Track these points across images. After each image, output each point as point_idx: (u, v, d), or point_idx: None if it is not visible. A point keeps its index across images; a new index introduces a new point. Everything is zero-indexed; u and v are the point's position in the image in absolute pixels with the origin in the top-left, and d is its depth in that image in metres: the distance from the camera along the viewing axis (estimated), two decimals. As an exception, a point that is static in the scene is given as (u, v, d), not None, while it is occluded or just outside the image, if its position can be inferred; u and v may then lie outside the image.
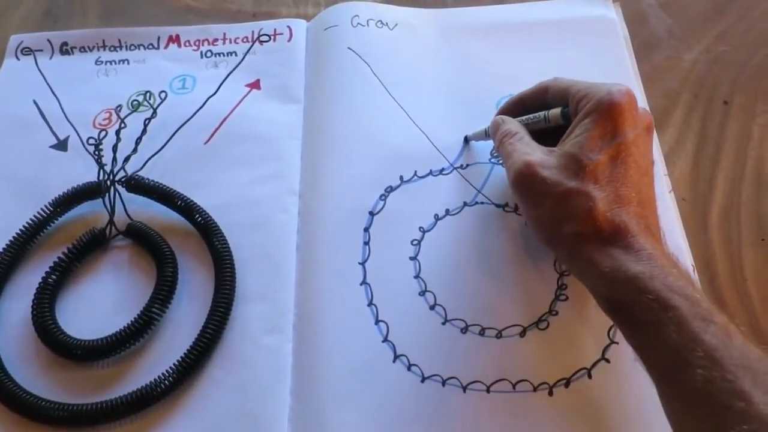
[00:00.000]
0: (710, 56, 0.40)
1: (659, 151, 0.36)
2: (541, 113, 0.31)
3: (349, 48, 0.40)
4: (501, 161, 0.35)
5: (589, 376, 0.30)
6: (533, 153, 0.28)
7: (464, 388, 0.29)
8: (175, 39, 0.42)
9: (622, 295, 0.25)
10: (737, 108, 0.38)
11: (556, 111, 0.30)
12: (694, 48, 0.40)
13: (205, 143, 0.37)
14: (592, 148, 0.27)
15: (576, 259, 0.27)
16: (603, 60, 0.40)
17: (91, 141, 0.36)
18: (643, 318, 0.24)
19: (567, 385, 0.29)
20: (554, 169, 0.27)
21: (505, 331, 0.31)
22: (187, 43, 0.41)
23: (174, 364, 0.29)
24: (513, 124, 0.31)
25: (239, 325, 0.31)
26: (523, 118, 0.32)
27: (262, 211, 0.34)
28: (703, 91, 0.39)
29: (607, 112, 0.27)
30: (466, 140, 0.36)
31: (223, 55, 0.41)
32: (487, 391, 0.29)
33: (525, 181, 0.28)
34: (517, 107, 0.33)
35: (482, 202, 0.35)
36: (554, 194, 0.27)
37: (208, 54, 0.41)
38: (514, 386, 0.29)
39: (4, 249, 0.33)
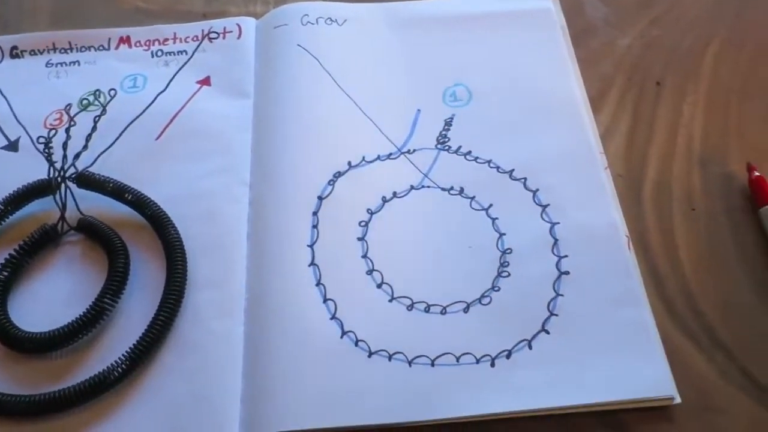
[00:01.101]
0: (643, 41, 0.42)
1: (595, 131, 0.38)
2: None
3: (299, 45, 0.41)
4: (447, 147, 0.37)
5: (530, 347, 0.31)
6: None
7: (410, 363, 0.30)
8: (125, 40, 0.42)
9: None
10: (669, 89, 0.40)
11: None
12: (628, 34, 0.42)
13: (157, 139, 0.38)
14: None
15: None
16: (542, 48, 0.41)
17: (41, 140, 0.37)
18: None
19: (508, 356, 0.31)
20: None
21: (449, 308, 0.32)
22: (137, 44, 0.42)
23: (126, 352, 0.30)
24: None
25: (191, 312, 0.32)
26: None
27: (214, 203, 0.35)
28: (637, 74, 0.40)
29: None
30: None
31: (174, 54, 0.41)
32: (432, 365, 0.30)
33: None
34: None
35: (428, 186, 0.36)
36: None
37: (159, 53, 0.42)
38: (457, 359, 0.30)
39: (-45, 248, 0.33)
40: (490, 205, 0.35)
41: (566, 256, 0.33)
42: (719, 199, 0.35)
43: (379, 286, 0.32)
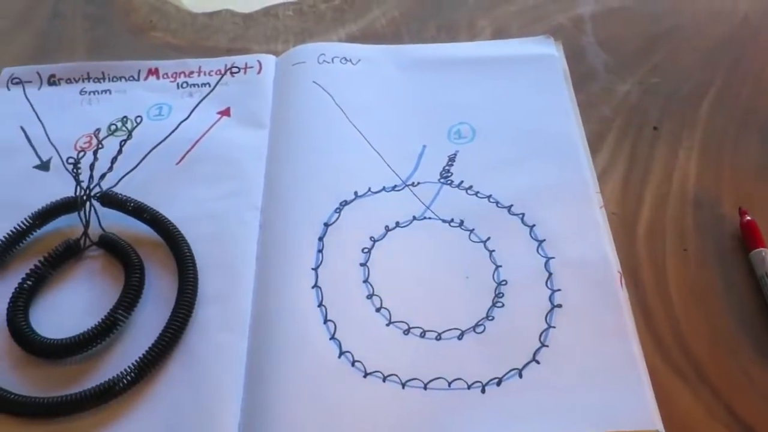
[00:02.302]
0: (642, 87, 0.44)
1: (593, 170, 0.39)
2: None
3: (314, 82, 0.44)
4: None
5: (520, 376, 0.32)
6: None
7: (403, 385, 0.32)
8: (154, 71, 0.45)
9: None
10: (665, 134, 0.41)
11: None
12: (627, 80, 0.44)
13: (177, 164, 0.40)
14: None
15: None
16: (544, 90, 0.43)
17: (71, 161, 0.40)
18: None
19: (499, 384, 0.32)
20: None
21: (444, 334, 0.33)
22: (165, 75, 0.45)
23: (135, 362, 0.32)
24: None
25: (199, 326, 0.34)
26: None
27: (226, 224, 0.37)
28: (635, 118, 0.42)
29: None
30: None
31: (198, 86, 0.44)
32: (425, 388, 0.32)
33: None
34: None
35: (430, 217, 0.38)
36: None
37: (184, 85, 0.45)
38: (449, 384, 0.32)
39: (-16, 258, 0.35)
40: (488, 238, 0.37)
41: (559, 289, 0.34)
42: (711, 240, 0.37)
43: (377, 310, 0.34)
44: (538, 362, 0.32)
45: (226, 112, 0.43)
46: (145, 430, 0.31)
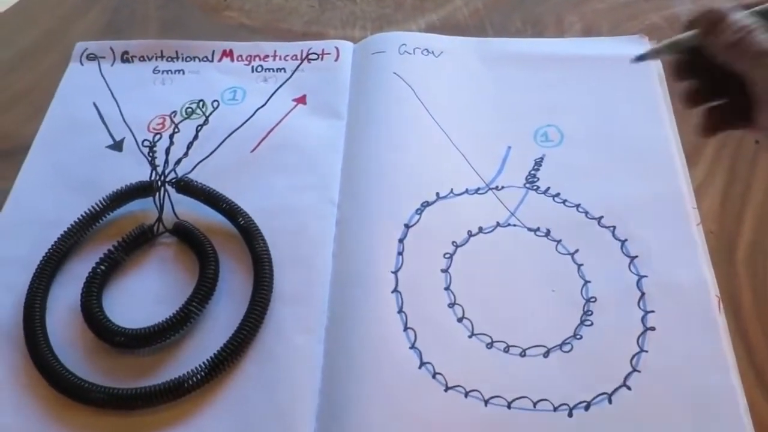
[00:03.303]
0: (744, 97, 0.41)
1: (689, 184, 0.37)
2: None
3: (395, 73, 0.42)
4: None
5: (610, 402, 0.30)
6: None
7: (486, 402, 0.30)
8: (228, 53, 0.44)
9: None
10: (769, 148, 0.39)
11: None
12: (728, 88, 0.41)
13: (252, 151, 0.39)
14: None
15: None
16: (638, 96, 0.41)
17: (146, 143, 0.39)
18: None
19: (587, 408, 0.30)
20: None
21: (529, 350, 0.32)
22: (239, 58, 0.44)
23: (209, 358, 0.31)
24: (746, 18, 0.26)
25: (274, 325, 0.32)
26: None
27: (302, 219, 0.36)
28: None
29: None
30: (642, 59, 0.30)
31: (273, 71, 0.43)
32: (508, 407, 0.30)
33: None
34: None
35: (515, 225, 0.36)
36: None
37: (259, 69, 0.43)
38: (534, 405, 0.30)
39: (59, 239, 0.35)
40: (577, 250, 0.35)
41: (653, 311, 0.32)
42: (818, 268, 0.34)
43: (459, 320, 0.32)
44: (629, 388, 0.30)
45: (301, 100, 0.41)
46: (216, 429, 0.30)
